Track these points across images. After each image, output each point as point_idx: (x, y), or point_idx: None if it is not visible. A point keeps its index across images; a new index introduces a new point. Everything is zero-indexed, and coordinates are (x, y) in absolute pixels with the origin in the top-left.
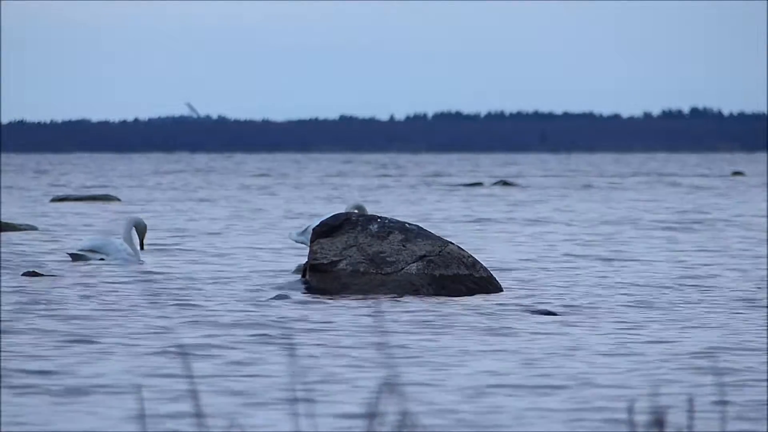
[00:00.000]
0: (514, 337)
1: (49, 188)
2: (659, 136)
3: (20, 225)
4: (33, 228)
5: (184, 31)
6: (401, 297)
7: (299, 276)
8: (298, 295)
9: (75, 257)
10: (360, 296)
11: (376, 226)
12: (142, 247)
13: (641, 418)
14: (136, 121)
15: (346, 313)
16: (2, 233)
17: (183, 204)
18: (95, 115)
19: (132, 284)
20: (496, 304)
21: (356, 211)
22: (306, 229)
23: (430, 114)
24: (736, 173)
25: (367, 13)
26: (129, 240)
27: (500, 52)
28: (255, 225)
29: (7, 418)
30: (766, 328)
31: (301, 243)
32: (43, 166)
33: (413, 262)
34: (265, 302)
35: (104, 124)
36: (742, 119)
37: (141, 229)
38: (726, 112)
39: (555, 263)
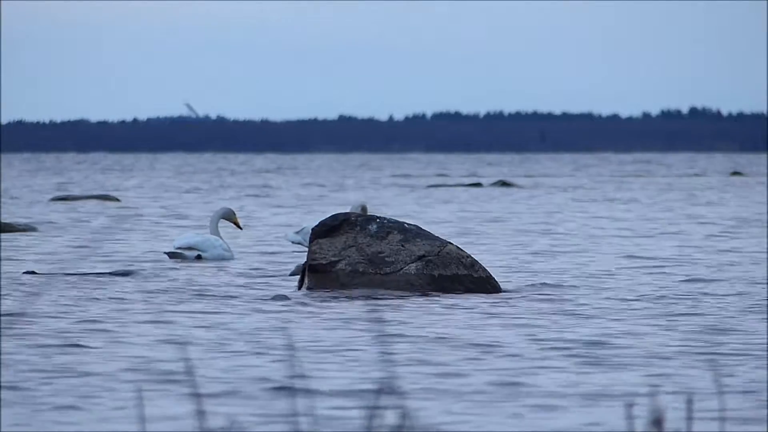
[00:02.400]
0: (513, 336)
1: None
2: (658, 136)
3: (19, 225)
4: (32, 228)
5: (183, 32)
6: (400, 297)
7: (298, 276)
8: (297, 296)
9: (172, 255)
10: (359, 296)
11: (374, 226)
12: (239, 227)
13: (640, 419)
14: (135, 121)
15: (345, 314)
16: (2, 233)
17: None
18: (94, 116)
19: (130, 283)
20: (495, 303)
21: (360, 210)
22: (302, 230)
23: (429, 114)
24: (735, 173)
25: (367, 13)
26: (216, 233)
27: (499, 52)
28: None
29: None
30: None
31: (297, 243)
32: (45, 166)
33: (412, 262)
34: (263, 302)
35: (103, 124)
36: (741, 119)
37: (230, 216)
38: (725, 112)
39: (555, 263)
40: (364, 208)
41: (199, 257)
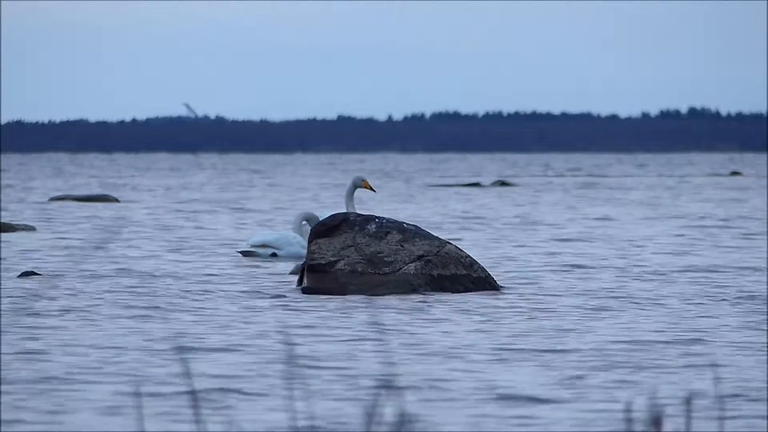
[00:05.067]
0: (510, 336)
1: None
2: (657, 137)
3: (18, 225)
4: (31, 228)
5: (182, 32)
6: (399, 297)
7: (297, 276)
8: (296, 296)
9: (246, 253)
10: (358, 296)
11: (373, 226)
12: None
13: (639, 418)
14: (134, 121)
15: (344, 313)
16: (1, 233)
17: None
18: (93, 116)
19: (127, 281)
20: (495, 303)
21: (305, 222)
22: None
23: (428, 114)
24: (734, 173)
25: (366, 13)
26: (299, 232)
27: (498, 53)
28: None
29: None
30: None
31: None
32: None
33: (411, 262)
34: (262, 302)
35: (102, 125)
36: (740, 119)
37: (315, 222)
38: (724, 112)
39: (552, 263)
40: (311, 219)
41: (274, 255)
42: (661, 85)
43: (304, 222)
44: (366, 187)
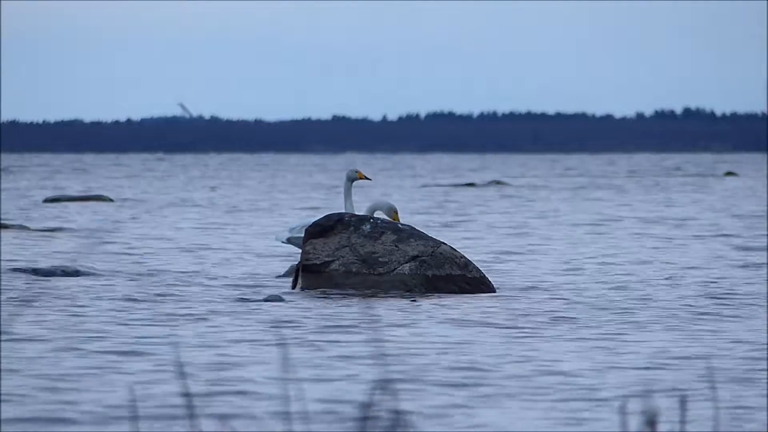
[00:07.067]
0: (506, 335)
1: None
2: (652, 137)
3: (12, 225)
4: (26, 228)
5: (176, 32)
6: (394, 297)
7: (292, 276)
8: (291, 296)
9: (289, 240)
10: (352, 296)
11: (368, 226)
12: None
13: (633, 419)
14: (128, 121)
15: (339, 314)
16: None
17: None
18: (88, 116)
19: (123, 281)
20: (489, 304)
21: (378, 213)
22: (293, 229)
23: (422, 114)
24: (729, 173)
25: (360, 13)
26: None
27: (492, 52)
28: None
29: None
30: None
31: (289, 244)
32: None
33: (406, 263)
34: (257, 303)
35: (97, 125)
36: (735, 119)
37: (388, 212)
38: (719, 112)
39: (549, 264)
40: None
41: None
42: (655, 86)
43: (377, 212)
44: (361, 178)
